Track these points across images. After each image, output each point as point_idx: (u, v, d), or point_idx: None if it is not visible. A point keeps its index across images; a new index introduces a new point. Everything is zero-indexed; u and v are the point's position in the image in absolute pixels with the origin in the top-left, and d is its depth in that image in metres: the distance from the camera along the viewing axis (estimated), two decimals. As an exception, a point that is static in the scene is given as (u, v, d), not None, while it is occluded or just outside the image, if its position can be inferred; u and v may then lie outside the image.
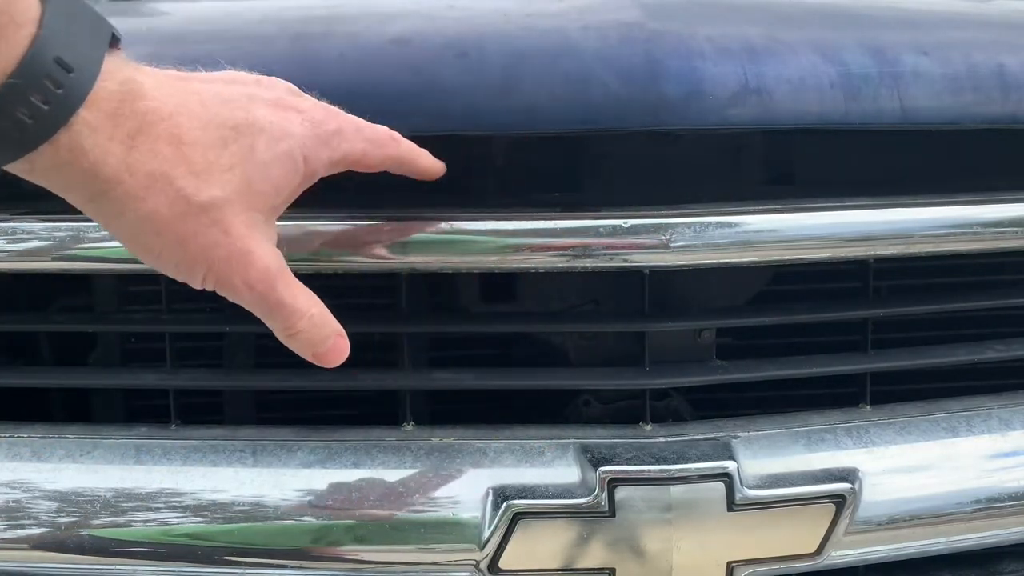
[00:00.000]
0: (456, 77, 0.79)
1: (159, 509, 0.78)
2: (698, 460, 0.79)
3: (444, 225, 0.79)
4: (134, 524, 0.78)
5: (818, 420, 0.85)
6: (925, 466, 0.84)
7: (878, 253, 0.86)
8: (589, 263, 0.81)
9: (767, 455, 0.81)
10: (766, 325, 0.88)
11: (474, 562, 0.78)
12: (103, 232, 0.75)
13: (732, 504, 0.78)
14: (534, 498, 0.78)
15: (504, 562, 0.78)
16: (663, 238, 0.80)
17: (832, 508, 0.80)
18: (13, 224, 0.80)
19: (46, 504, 0.79)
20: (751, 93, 0.80)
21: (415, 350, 0.87)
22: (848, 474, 0.81)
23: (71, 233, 0.79)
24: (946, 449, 0.85)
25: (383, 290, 0.85)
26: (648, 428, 0.84)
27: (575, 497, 0.78)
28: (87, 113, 0.58)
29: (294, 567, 0.79)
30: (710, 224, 0.81)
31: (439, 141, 0.77)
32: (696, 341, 0.89)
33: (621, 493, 0.78)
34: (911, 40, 0.86)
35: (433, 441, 0.82)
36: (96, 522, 0.78)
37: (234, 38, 0.85)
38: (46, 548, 0.78)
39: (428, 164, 0.76)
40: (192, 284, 0.67)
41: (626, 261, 0.81)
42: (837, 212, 0.84)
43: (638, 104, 0.78)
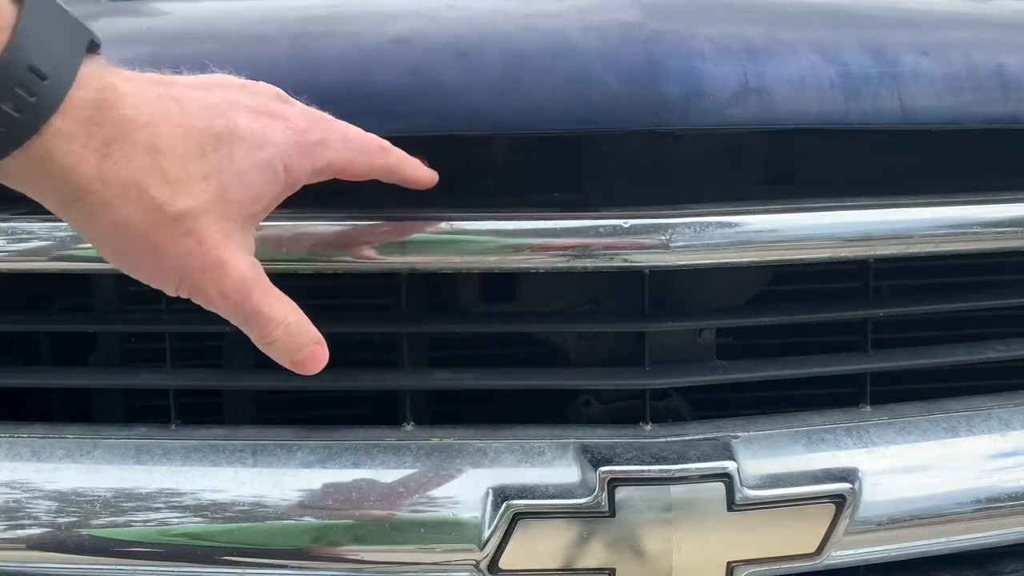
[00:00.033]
0: (456, 77, 0.79)
1: (159, 509, 0.78)
2: (698, 460, 0.79)
3: (444, 225, 0.79)
4: (134, 524, 0.78)
5: (818, 420, 0.85)
6: (925, 466, 0.84)
7: (878, 253, 0.85)
8: (589, 263, 0.81)
9: (767, 455, 0.81)
10: (766, 325, 0.88)
11: (474, 562, 0.78)
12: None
13: (732, 504, 0.78)
14: (534, 498, 0.78)
15: (504, 562, 0.78)
16: (663, 238, 0.80)
17: (832, 508, 0.80)
18: (13, 224, 0.80)
19: (46, 504, 0.79)
20: (751, 93, 0.80)
21: (415, 350, 0.87)
22: (848, 474, 0.81)
23: (71, 233, 0.79)
24: (946, 449, 0.85)
25: (383, 290, 0.85)
26: (648, 428, 0.84)
27: (575, 497, 0.78)
28: (60, 121, 0.58)
29: (294, 567, 0.79)
30: (710, 224, 0.81)
31: (439, 141, 0.77)
32: (696, 341, 0.89)
33: (621, 493, 0.78)
34: (911, 40, 0.86)
35: (433, 441, 0.82)
36: (96, 522, 0.78)
37: (234, 38, 0.85)
38: (46, 548, 0.78)
39: (420, 174, 0.75)
40: (167, 291, 0.66)
41: (626, 261, 0.81)
42: (837, 212, 0.84)
43: (638, 104, 0.78)
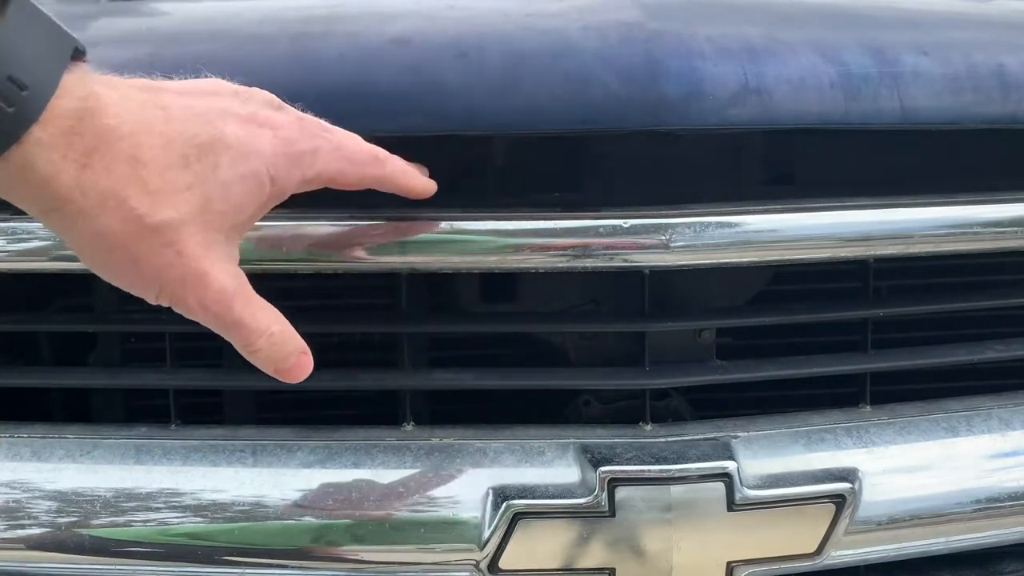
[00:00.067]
0: (456, 77, 0.79)
1: (159, 509, 0.78)
2: (698, 460, 0.79)
3: (444, 225, 0.79)
4: (134, 524, 0.78)
5: (818, 420, 0.85)
6: (925, 466, 0.84)
7: (878, 253, 0.85)
8: (589, 263, 0.80)
9: (767, 455, 0.81)
10: (766, 325, 0.88)
11: (474, 562, 0.78)
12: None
13: (732, 504, 0.78)
14: (534, 498, 0.78)
15: (504, 562, 0.78)
16: (663, 238, 0.80)
17: (832, 508, 0.80)
18: (13, 224, 0.80)
19: (46, 504, 0.79)
20: (751, 93, 0.80)
21: (415, 350, 0.87)
22: (848, 474, 0.81)
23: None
24: (946, 449, 0.85)
25: (383, 290, 0.85)
26: (648, 428, 0.84)
27: (575, 497, 0.78)
28: (40, 131, 0.57)
29: (294, 567, 0.79)
30: (710, 224, 0.81)
31: (439, 141, 0.77)
32: (696, 341, 0.89)
33: (621, 493, 0.78)
34: (911, 40, 0.86)
35: (433, 441, 0.82)
36: (96, 522, 0.78)
37: (234, 38, 0.85)
38: (46, 548, 0.78)
39: (416, 184, 0.75)
40: (147, 300, 0.66)
41: (626, 261, 0.81)
42: (837, 212, 0.84)
43: (638, 104, 0.78)
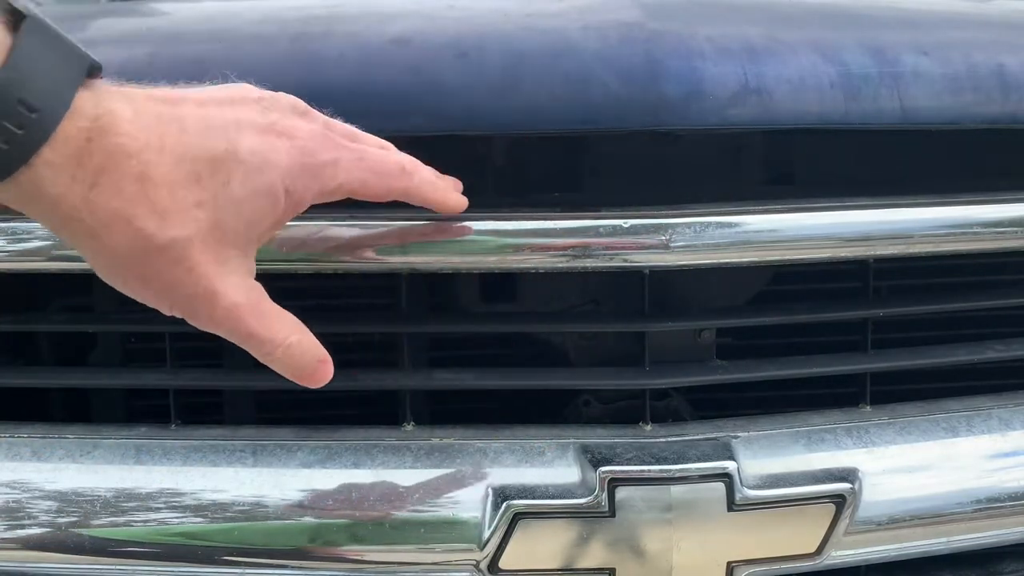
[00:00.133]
0: (456, 77, 0.79)
1: (159, 509, 0.78)
2: (698, 460, 0.79)
3: (444, 225, 0.79)
4: (134, 524, 0.78)
5: (818, 420, 0.85)
6: (925, 466, 0.84)
7: (878, 253, 0.85)
8: (589, 263, 0.80)
9: (767, 455, 0.81)
10: (766, 325, 0.88)
11: (474, 562, 0.78)
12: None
13: (732, 504, 0.78)
14: (534, 498, 0.78)
15: (504, 562, 0.78)
16: (663, 238, 0.80)
17: (832, 508, 0.80)
18: (13, 224, 0.80)
19: (46, 504, 0.79)
20: (751, 93, 0.80)
21: (415, 350, 0.87)
22: (848, 474, 0.81)
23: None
24: (946, 449, 0.85)
25: (383, 290, 0.85)
26: (648, 428, 0.84)
27: (575, 497, 0.78)
28: (49, 153, 0.57)
29: (294, 567, 0.78)
30: (710, 224, 0.81)
31: (439, 141, 0.77)
32: (696, 341, 0.89)
33: (621, 493, 0.78)
34: (911, 40, 0.86)
35: (433, 441, 0.82)
36: (96, 522, 0.78)
37: (234, 38, 0.85)
38: (46, 548, 0.78)
39: (447, 199, 0.73)
40: (162, 311, 0.66)
41: (626, 261, 0.81)
42: (837, 212, 0.84)
43: (638, 104, 0.78)
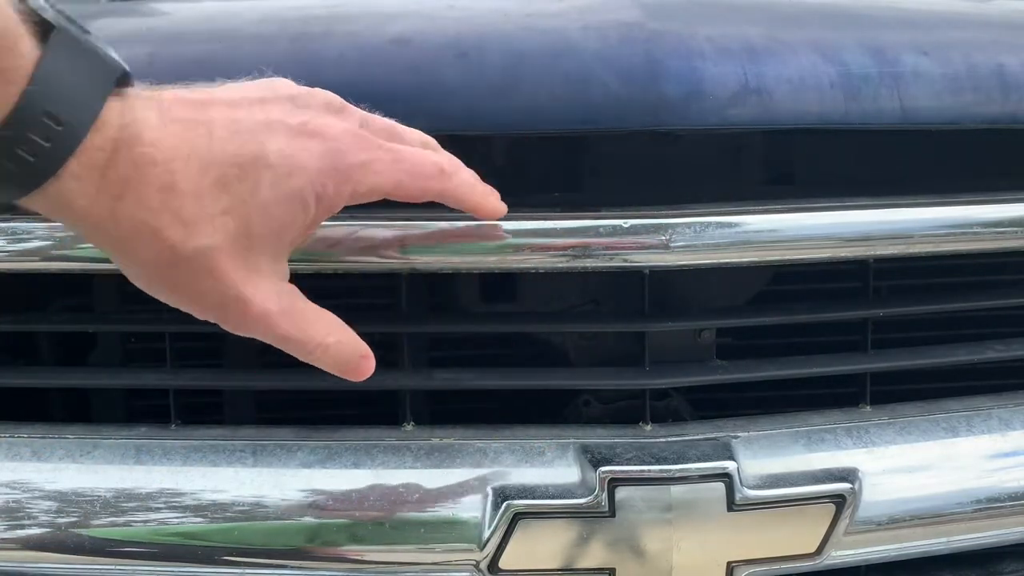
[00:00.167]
0: (456, 77, 0.79)
1: (159, 509, 0.78)
2: (698, 460, 0.79)
3: (444, 225, 0.79)
4: (134, 524, 0.78)
5: (818, 420, 0.85)
6: (925, 466, 0.84)
7: (878, 253, 0.85)
8: (589, 263, 0.80)
9: (767, 455, 0.81)
10: (766, 325, 0.88)
11: (474, 562, 0.78)
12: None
13: (732, 504, 0.78)
14: (534, 498, 0.78)
15: (504, 562, 0.78)
16: (663, 238, 0.80)
17: (832, 508, 0.80)
18: (13, 224, 0.80)
19: (46, 504, 0.79)
20: (751, 93, 0.80)
21: (415, 350, 0.87)
22: (848, 474, 0.81)
23: (71, 233, 0.79)
24: (946, 449, 0.85)
25: (383, 290, 0.85)
26: (648, 428, 0.84)
27: (575, 497, 0.78)
28: (76, 165, 0.57)
29: (294, 567, 0.79)
30: (710, 224, 0.81)
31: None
32: (696, 341, 0.89)
33: (621, 493, 0.78)
34: (911, 40, 0.86)
35: (433, 441, 0.82)
36: (96, 522, 0.78)
37: (234, 38, 0.85)
38: (46, 548, 0.78)
39: (487, 203, 0.71)
40: (196, 316, 0.65)
41: (626, 261, 0.81)
42: (837, 212, 0.84)
43: (638, 104, 0.78)
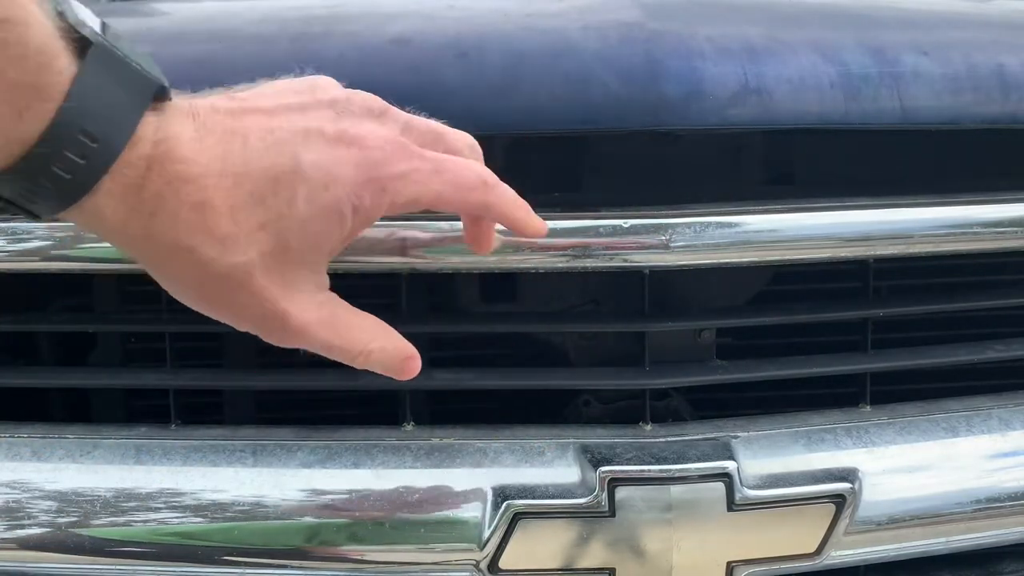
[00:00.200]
0: (456, 77, 0.79)
1: (159, 509, 0.78)
2: (698, 460, 0.79)
3: (444, 225, 0.79)
4: (134, 524, 0.78)
5: (818, 420, 0.85)
6: (925, 466, 0.84)
7: (878, 253, 0.85)
8: (589, 263, 0.80)
9: (767, 455, 0.81)
10: (766, 325, 0.88)
11: (474, 562, 0.78)
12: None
13: (732, 504, 0.78)
14: (534, 498, 0.78)
15: (504, 562, 0.78)
16: (663, 238, 0.80)
17: (832, 508, 0.80)
18: (13, 224, 0.80)
19: (46, 504, 0.79)
20: (751, 93, 0.80)
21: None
22: (848, 474, 0.81)
23: (71, 233, 0.79)
24: (946, 449, 0.85)
25: (383, 290, 0.85)
26: (648, 428, 0.84)
27: (575, 497, 0.78)
28: (110, 182, 0.56)
29: (294, 567, 0.79)
30: (710, 224, 0.81)
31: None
32: (696, 341, 0.89)
33: (621, 493, 0.78)
34: (911, 40, 0.86)
35: (433, 441, 0.82)
36: (96, 522, 0.78)
37: (234, 38, 0.85)
38: (46, 548, 0.78)
39: (529, 221, 0.68)
40: (236, 328, 0.64)
41: (626, 261, 0.81)
42: (837, 212, 0.84)
43: (638, 104, 0.78)
